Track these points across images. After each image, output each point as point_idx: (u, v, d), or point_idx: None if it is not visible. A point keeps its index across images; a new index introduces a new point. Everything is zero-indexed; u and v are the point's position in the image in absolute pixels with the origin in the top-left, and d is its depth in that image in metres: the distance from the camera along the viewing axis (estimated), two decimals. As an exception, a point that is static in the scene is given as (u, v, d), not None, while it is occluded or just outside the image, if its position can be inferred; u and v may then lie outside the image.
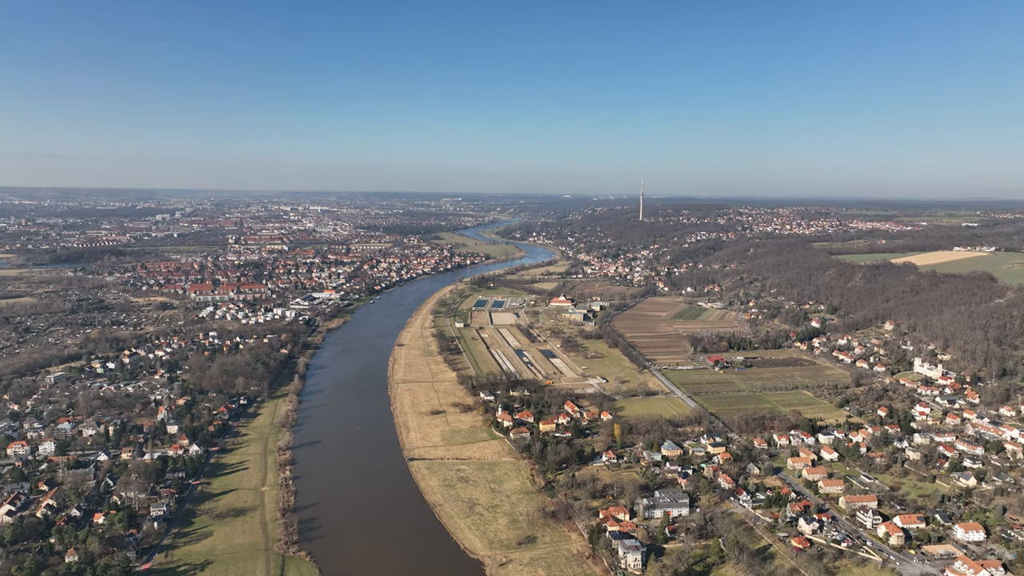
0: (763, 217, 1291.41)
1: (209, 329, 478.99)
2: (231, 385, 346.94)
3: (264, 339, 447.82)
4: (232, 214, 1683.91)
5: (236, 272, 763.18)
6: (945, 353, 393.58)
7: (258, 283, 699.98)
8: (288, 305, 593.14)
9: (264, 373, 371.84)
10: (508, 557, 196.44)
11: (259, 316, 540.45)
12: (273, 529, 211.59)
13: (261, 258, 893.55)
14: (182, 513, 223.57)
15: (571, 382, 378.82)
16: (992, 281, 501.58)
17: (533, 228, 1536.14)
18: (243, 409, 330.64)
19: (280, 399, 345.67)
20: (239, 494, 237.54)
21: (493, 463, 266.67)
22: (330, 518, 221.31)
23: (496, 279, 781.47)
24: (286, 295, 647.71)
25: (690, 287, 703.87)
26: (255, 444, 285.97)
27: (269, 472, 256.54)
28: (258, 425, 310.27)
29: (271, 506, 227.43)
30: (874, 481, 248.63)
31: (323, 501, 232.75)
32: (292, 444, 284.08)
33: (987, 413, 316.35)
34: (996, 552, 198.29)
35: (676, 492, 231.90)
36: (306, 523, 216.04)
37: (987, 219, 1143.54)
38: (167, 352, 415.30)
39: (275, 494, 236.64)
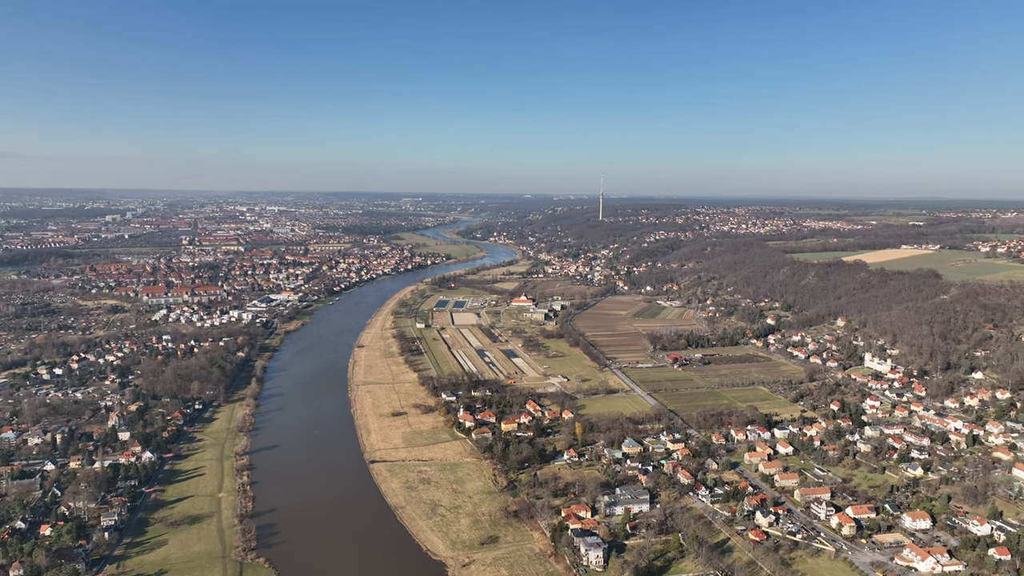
0: (720, 217, 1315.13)
1: (162, 332, 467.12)
2: (186, 390, 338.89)
3: (220, 342, 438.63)
4: (186, 215, 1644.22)
5: (190, 274, 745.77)
6: (894, 348, 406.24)
7: (213, 285, 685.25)
8: (245, 307, 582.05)
9: (220, 377, 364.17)
10: (471, 558, 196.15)
11: (215, 319, 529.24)
12: (230, 536, 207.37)
13: (216, 259, 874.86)
14: (135, 522, 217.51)
15: (533, 381, 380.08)
16: (937, 278, 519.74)
17: (494, 228, 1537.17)
18: (199, 414, 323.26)
19: (237, 403, 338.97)
20: (195, 501, 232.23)
21: (455, 464, 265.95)
22: (290, 523, 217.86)
23: (457, 279, 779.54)
24: (243, 297, 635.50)
25: (649, 286, 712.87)
26: (211, 450, 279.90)
27: (226, 478, 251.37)
28: (214, 430, 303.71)
29: (228, 512, 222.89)
30: (827, 473, 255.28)
31: (282, 506, 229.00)
32: (250, 449, 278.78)
33: (933, 405, 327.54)
34: (942, 539, 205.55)
35: (637, 489, 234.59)
36: (265, 529, 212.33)
37: (932, 218, 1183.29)
38: (118, 357, 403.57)
39: (232, 500, 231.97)
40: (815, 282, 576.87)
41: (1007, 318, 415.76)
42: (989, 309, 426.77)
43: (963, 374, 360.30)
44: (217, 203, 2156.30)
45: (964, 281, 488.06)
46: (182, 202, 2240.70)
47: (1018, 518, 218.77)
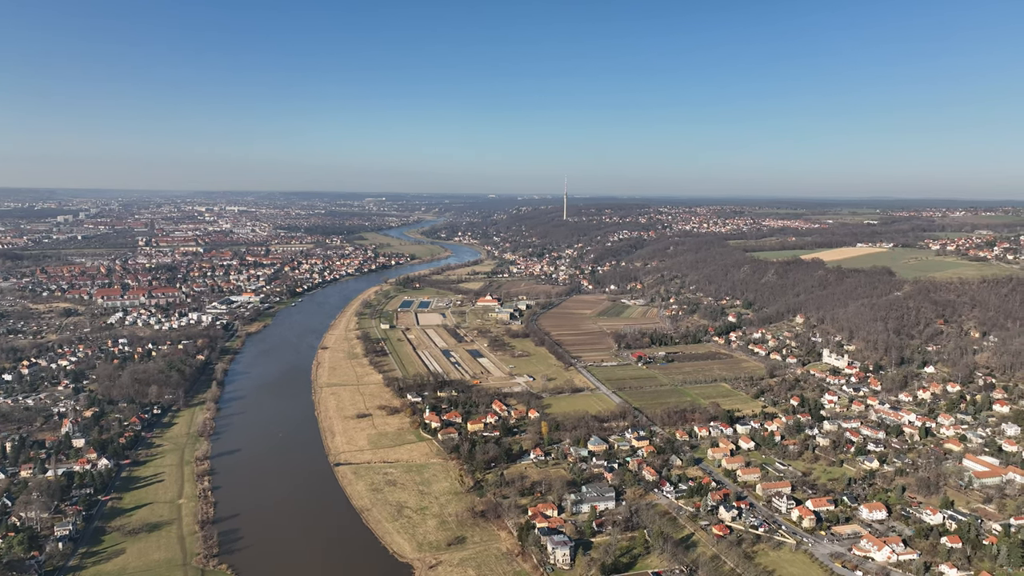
0: (682, 216, 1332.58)
1: (118, 336, 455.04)
2: (143, 394, 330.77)
3: (179, 345, 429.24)
4: (142, 215, 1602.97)
5: (147, 276, 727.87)
6: (851, 344, 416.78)
7: (171, 287, 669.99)
8: (204, 309, 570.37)
9: (179, 381, 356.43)
10: (438, 559, 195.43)
11: (173, 321, 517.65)
12: (191, 543, 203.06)
13: (174, 261, 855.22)
14: (90, 531, 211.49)
15: (498, 381, 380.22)
16: (891, 275, 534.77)
17: (458, 228, 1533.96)
18: (157, 419, 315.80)
19: (197, 407, 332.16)
20: (154, 508, 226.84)
21: (421, 465, 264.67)
22: (253, 529, 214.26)
23: (422, 279, 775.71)
24: (202, 299, 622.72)
25: (613, 285, 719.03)
26: (171, 455, 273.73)
27: (186, 483, 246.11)
28: (174, 435, 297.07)
29: (189, 519, 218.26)
30: (788, 467, 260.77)
31: (245, 511, 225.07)
32: (211, 453, 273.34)
33: (888, 399, 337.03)
34: (897, 529, 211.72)
35: (603, 486, 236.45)
36: (227, 535, 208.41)
37: (886, 217, 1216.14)
38: (72, 361, 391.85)
39: (193, 506, 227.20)
40: (775, 280, 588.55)
41: (956, 314, 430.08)
42: (940, 305, 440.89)
43: (916, 368, 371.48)
44: (175, 203, 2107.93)
45: (916, 278, 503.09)
46: (138, 202, 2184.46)
47: (968, 507, 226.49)
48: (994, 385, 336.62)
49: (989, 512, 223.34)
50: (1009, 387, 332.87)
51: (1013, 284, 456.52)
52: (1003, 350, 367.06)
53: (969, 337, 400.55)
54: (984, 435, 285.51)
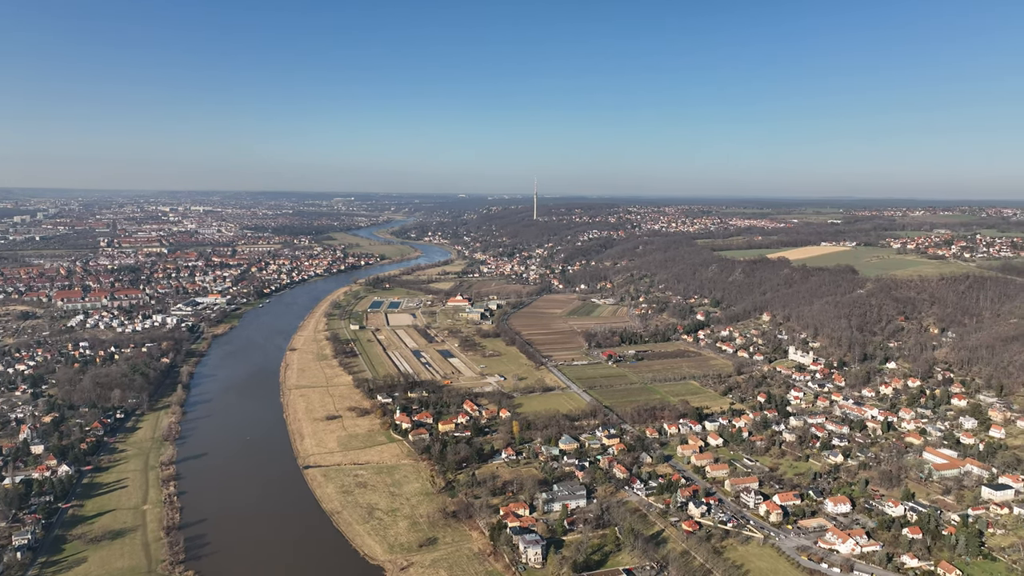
0: (651, 216, 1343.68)
1: (79, 339, 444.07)
2: (106, 398, 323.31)
3: (143, 348, 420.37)
4: (103, 215, 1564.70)
5: (109, 277, 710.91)
6: (815, 341, 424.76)
7: (135, 288, 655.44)
8: (169, 311, 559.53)
9: (143, 384, 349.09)
10: (409, 560, 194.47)
11: (137, 324, 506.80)
12: (156, 550, 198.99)
13: (138, 262, 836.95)
14: (50, 540, 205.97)
15: (470, 381, 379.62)
16: (854, 273, 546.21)
17: (428, 228, 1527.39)
18: (120, 424, 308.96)
19: (162, 411, 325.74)
20: (117, 515, 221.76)
21: (392, 466, 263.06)
22: (220, 534, 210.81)
23: (392, 280, 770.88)
24: (167, 301, 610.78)
25: (584, 284, 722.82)
26: (135, 460, 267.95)
27: (151, 489, 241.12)
28: (138, 440, 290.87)
29: (154, 525, 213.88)
30: (755, 463, 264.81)
31: (212, 516, 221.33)
32: (176, 458, 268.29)
33: (851, 395, 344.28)
34: (860, 521, 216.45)
35: (574, 485, 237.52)
36: (194, 540, 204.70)
37: (849, 216, 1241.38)
38: (30, 365, 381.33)
39: (158, 512, 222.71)
40: (742, 279, 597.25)
41: (917, 311, 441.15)
42: (901, 302, 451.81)
43: (878, 364, 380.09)
44: (138, 203, 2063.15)
45: (878, 276, 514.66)
46: (99, 202, 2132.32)
47: (928, 499, 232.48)
48: (952, 380, 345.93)
49: (948, 503, 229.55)
50: (966, 381, 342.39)
51: (970, 281, 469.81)
52: (960, 346, 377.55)
53: (928, 333, 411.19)
54: (943, 428, 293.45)
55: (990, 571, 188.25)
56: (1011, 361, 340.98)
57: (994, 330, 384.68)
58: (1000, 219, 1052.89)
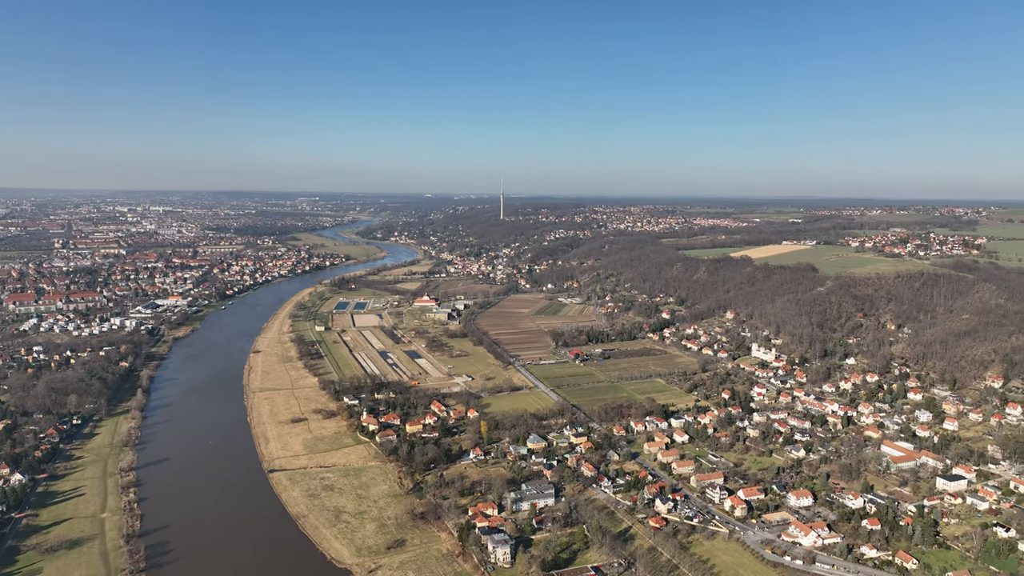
0: (617, 215, 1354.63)
1: (32, 343, 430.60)
2: (62, 404, 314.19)
3: (101, 352, 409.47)
4: (58, 215, 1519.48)
5: (65, 279, 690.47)
6: (778, 338, 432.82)
7: (92, 291, 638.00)
8: (128, 314, 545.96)
9: (101, 389, 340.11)
10: (377, 563, 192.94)
11: (94, 327, 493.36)
12: (116, 559, 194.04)
13: (94, 263, 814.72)
14: (3, 551, 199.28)
15: (437, 382, 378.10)
16: (814, 271, 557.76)
17: (395, 228, 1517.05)
18: (77, 430, 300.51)
19: (121, 416, 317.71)
20: (74, 523, 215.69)
21: (359, 468, 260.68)
22: (183, 541, 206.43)
23: (358, 280, 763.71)
24: (125, 303, 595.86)
25: (550, 283, 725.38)
26: (92, 467, 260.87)
27: (110, 497, 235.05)
28: (96, 446, 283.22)
29: (113, 533, 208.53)
30: (720, 459, 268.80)
31: (174, 523, 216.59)
32: (136, 464, 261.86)
33: (813, 390, 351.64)
34: (822, 514, 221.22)
35: (542, 483, 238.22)
36: (155, 548, 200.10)
37: (809, 216, 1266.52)
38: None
39: (117, 520, 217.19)
40: (706, 277, 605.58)
41: (874, 307, 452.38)
42: (859, 299, 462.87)
43: (838, 360, 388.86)
44: (94, 203, 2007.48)
45: (838, 274, 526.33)
46: (53, 202, 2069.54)
47: (886, 490, 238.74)
48: (908, 374, 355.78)
49: (905, 494, 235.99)
50: (922, 376, 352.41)
51: (924, 279, 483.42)
52: (916, 341, 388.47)
53: (886, 329, 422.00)
54: (900, 422, 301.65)
55: (945, 559, 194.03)
56: (963, 356, 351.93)
57: (947, 326, 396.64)
58: (952, 218, 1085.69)
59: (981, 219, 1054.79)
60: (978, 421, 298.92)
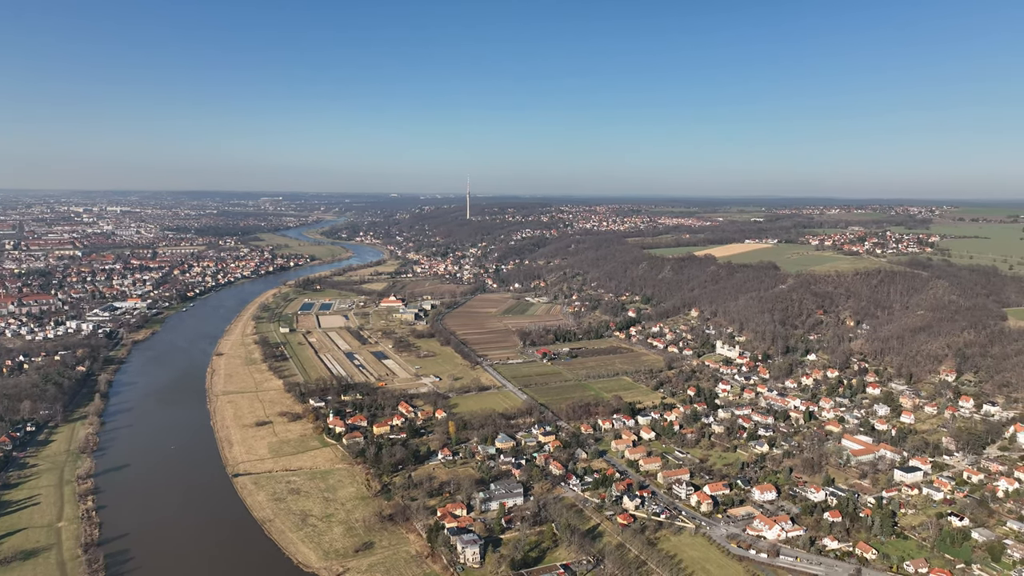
0: (582, 215, 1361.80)
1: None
2: (14, 411, 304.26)
3: (56, 356, 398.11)
4: (9, 216, 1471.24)
5: (16, 282, 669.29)
6: (741, 335, 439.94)
7: (46, 293, 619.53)
8: (84, 317, 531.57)
9: (57, 395, 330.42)
10: (345, 566, 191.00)
11: (48, 331, 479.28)
12: (73, 568, 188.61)
13: (48, 265, 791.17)
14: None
15: (404, 382, 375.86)
16: (776, 270, 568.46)
17: (360, 228, 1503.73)
18: (31, 437, 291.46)
19: (78, 422, 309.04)
20: (29, 533, 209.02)
21: (326, 471, 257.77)
22: (144, 549, 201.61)
23: (323, 281, 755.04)
24: (81, 306, 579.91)
25: (518, 283, 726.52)
26: (48, 475, 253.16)
27: (67, 505, 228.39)
28: (51, 453, 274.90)
29: (70, 543, 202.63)
30: (687, 455, 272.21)
31: (135, 531, 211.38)
32: (94, 471, 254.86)
33: (775, 386, 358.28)
34: (785, 508, 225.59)
35: (511, 483, 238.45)
36: (115, 557, 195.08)
37: (771, 215, 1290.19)
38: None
39: (75, 529, 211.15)
40: (671, 276, 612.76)
41: (834, 304, 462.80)
42: (819, 297, 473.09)
43: (800, 356, 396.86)
44: (47, 203, 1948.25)
45: (799, 272, 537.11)
46: (3, 202, 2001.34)
47: (847, 483, 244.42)
48: (867, 369, 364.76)
49: (864, 487, 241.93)
50: (880, 371, 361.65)
51: (882, 276, 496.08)
52: (874, 337, 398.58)
53: (845, 326, 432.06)
54: (859, 416, 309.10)
55: (903, 549, 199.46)
56: (918, 351, 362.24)
57: (903, 322, 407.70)
58: (907, 217, 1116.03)
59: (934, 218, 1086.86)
60: (933, 414, 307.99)
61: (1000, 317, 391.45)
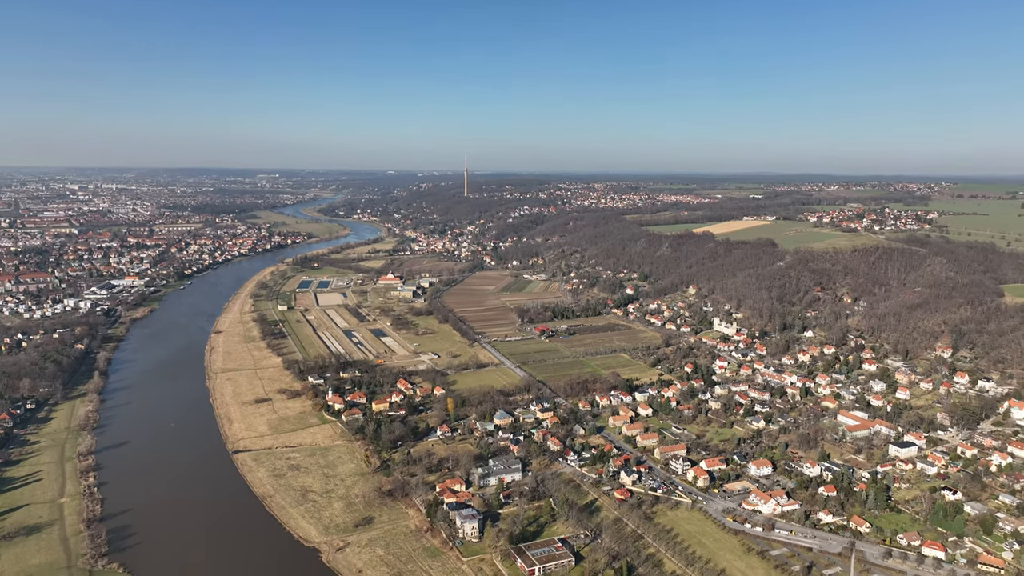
0: (581, 192, 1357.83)
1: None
2: (14, 388, 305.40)
3: (54, 334, 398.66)
4: (3, 193, 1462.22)
5: (13, 260, 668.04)
6: (739, 312, 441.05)
7: (43, 272, 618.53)
8: (82, 295, 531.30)
9: (56, 372, 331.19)
10: (345, 541, 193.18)
11: (46, 309, 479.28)
12: (76, 543, 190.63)
13: (45, 243, 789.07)
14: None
15: (403, 360, 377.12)
16: (774, 247, 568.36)
17: (357, 205, 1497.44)
18: (31, 414, 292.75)
19: (78, 400, 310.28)
20: (31, 509, 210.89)
21: (325, 448, 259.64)
22: (146, 524, 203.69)
23: (320, 259, 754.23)
24: (79, 284, 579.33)
25: (515, 260, 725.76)
26: (49, 452, 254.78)
27: (68, 481, 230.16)
28: (52, 430, 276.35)
29: (73, 518, 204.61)
30: (683, 431, 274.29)
31: (137, 507, 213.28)
32: (95, 448, 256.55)
33: (772, 363, 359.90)
34: (781, 482, 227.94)
35: (509, 459, 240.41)
36: (117, 532, 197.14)
37: (769, 191, 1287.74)
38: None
39: (77, 505, 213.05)
40: (669, 253, 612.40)
41: (832, 281, 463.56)
42: (817, 274, 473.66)
43: (796, 333, 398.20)
44: (42, 181, 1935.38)
45: (796, 249, 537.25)
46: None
47: (842, 458, 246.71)
48: (863, 346, 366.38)
49: (859, 462, 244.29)
50: (876, 347, 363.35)
51: (879, 253, 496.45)
52: (871, 313, 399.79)
53: (842, 303, 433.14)
54: (855, 392, 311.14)
55: (896, 523, 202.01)
56: (915, 327, 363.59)
57: (900, 298, 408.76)
58: (906, 193, 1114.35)
59: (933, 194, 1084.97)
60: (928, 390, 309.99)
61: (997, 294, 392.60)
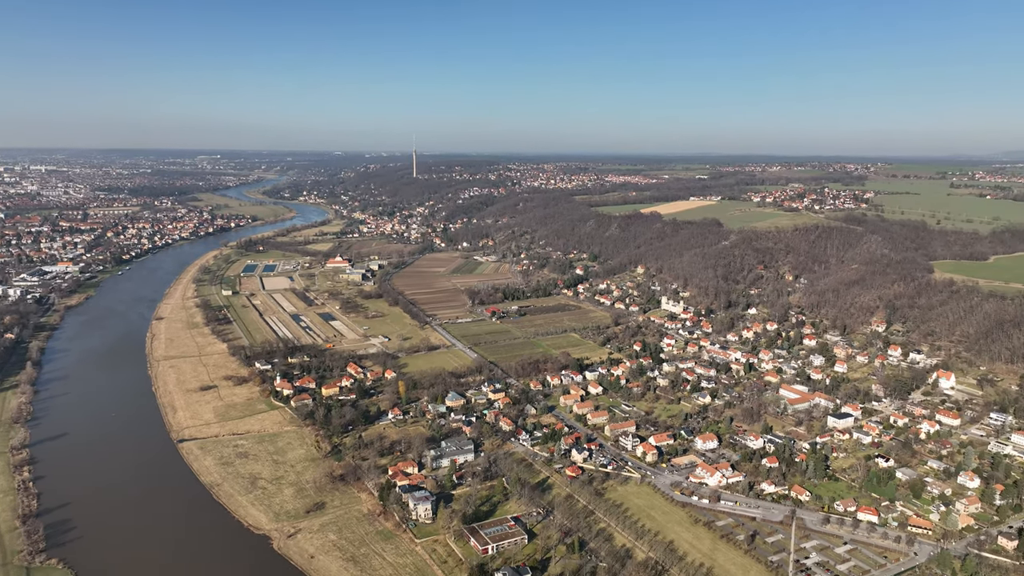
0: (530, 173, 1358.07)
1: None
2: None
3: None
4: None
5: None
6: (686, 291, 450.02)
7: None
8: (11, 282, 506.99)
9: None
10: (296, 527, 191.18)
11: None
12: (11, 540, 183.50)
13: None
14: None
15: (353, 343, 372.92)
16: (719, 226, 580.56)
17: (303, 187, 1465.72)
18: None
19: (9, 391, 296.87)
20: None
21: (274, 434, 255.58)
22: (87, 518, 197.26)
23: (266, 242, 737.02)
24: (7, 271, 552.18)
25: (466, 242, 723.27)
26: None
27: (1, 476, 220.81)
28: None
29: (7, 515, 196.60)
30: (633, 408, 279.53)
31: (77, 500, 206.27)
32: (30, 441, 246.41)
33: (718, 340, 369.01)
34: (726, 455, 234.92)
35: (461, 440, 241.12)
36: (55, 527, 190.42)
37: (714, 172, 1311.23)
38: None
39: (11, 500, 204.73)
40: (618, 233, 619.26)
41: (774, 260, 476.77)
42: (760, 252, 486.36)
43: (741, 310, 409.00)
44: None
45: (741, 228, 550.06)
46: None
47: (783, 431, 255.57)
48: (804, 322, 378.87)
49: (800, 433, 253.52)
50: (816, 323, 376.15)
51: (819, 232, 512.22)
52: (811, 290, 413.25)
53: (784, 280, 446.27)
54: (796, 367, 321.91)
55: (834, 490, 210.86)
56: (852, 303, 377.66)
57: (838, 275, 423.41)
58: (844, 173, 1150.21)
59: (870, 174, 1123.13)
60: (864, 363, 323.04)
61: (927, 270, 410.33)
